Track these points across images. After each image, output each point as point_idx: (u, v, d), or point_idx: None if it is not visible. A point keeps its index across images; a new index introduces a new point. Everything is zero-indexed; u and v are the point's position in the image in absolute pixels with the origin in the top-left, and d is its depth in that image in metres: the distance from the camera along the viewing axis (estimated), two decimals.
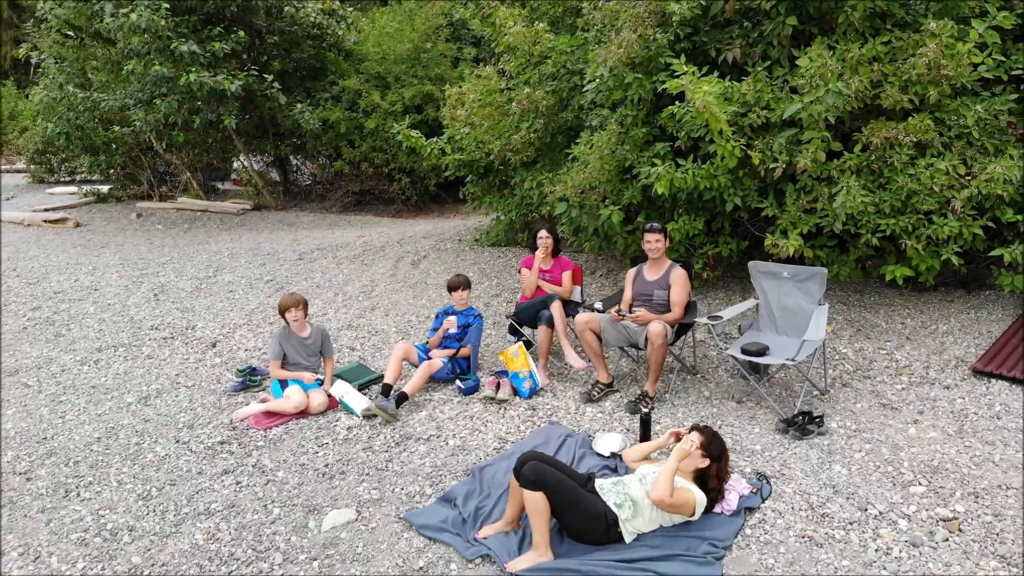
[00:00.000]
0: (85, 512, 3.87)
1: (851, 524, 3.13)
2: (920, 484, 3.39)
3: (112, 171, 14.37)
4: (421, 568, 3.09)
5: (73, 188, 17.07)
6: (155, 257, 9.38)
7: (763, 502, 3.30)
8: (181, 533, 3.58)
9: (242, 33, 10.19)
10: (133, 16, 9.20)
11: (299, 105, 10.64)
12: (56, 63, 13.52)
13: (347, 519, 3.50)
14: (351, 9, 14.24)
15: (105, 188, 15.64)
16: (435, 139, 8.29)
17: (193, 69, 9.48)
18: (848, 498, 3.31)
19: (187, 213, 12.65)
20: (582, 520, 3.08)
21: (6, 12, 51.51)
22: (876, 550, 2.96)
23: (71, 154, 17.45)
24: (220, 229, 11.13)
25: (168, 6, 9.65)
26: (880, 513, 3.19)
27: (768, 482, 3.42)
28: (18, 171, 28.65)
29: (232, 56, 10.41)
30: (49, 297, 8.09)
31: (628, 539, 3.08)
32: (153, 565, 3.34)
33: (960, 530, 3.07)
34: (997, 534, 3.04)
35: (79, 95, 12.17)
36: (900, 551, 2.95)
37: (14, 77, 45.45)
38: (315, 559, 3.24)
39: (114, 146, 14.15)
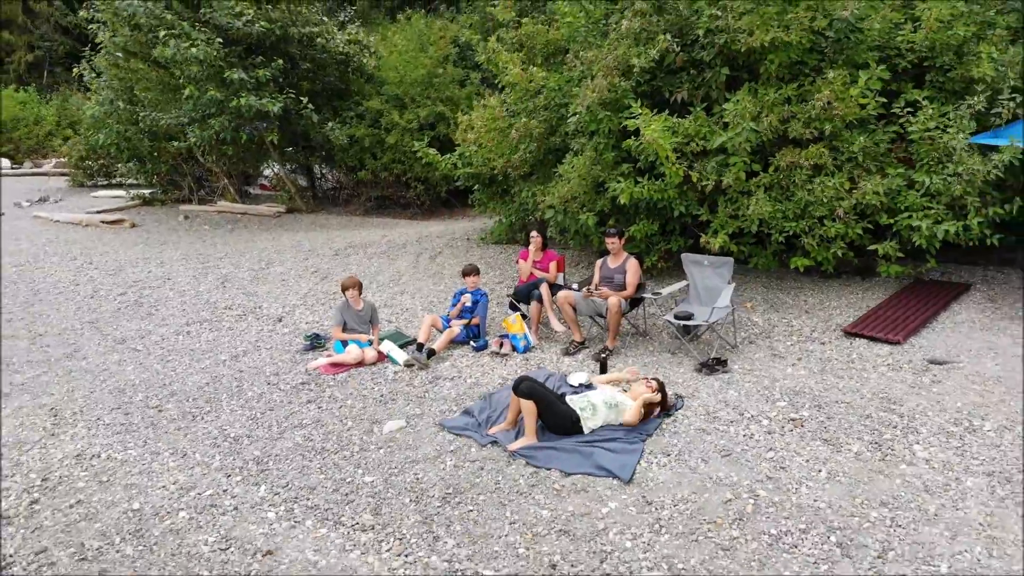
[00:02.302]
0: (211, 428, 5.45)
1: (731, 422, 4.71)
2: (783, 401, 4.98)
3: (156, 177, 15.94)
4: (452, 451, 4.68)
5: (115, 192, 18.62)
6: (212, 253, 10.97)
7: (677, 411, 4.88)
8: (285, 438, 5.17)
9: (281, 61, 11.76)
10: (194, 50, 10.78)
11: (330, 123, 12.22)
12: (105, 80, 15.06)
13: (400, 426, 5.09)
14: (372, 36, 15.86)
15: (147, 192, 17.20)
16: (449, 155, 9.86)
17: (243, 94, 11.06)
18: (733, 408, 4.89)
19: (228, 215, 14.24)
20: (556, 418, 4.67)
21: (20, 18, 52.98)
22: (743, 436, 4.54)
23: (114, 160, 19.05)
24: (260, 229, 12.73)
25: (221, 40, 11.24)
26: (752, 416, 4.77)
27: (682, 399, 5.00)
28: (46, 174, 30.31)
29: (270, 80, 11.94)
30: (130, 285, 9.67)
31: (586, 431, 4.67)
32: (269, 455, 4.93)
33: (801, 425, 4.65)
34: (826, 428, 4.62)
35: (138, 112, 13.78)
36: (759, 436, 4.53)
37: (35, 84, 46.96)
38: (380, 448, 4.83)
39: (156, 155, 15.73)
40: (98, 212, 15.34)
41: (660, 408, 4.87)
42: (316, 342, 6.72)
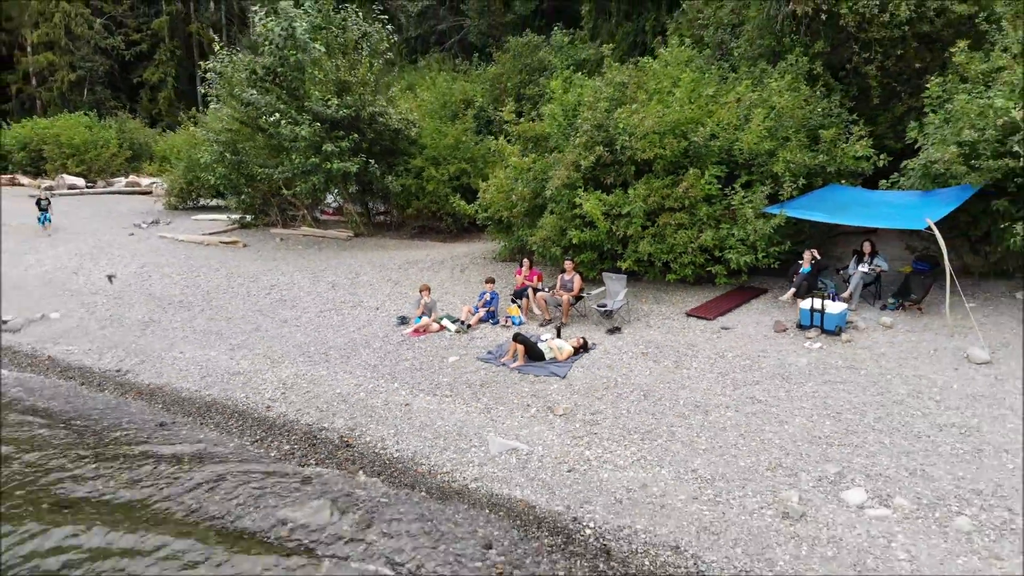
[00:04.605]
0: (359, 361, 10.38)
1: (615, 355, 9.62)
2: (642, 346, 9.88)
3: (253, 206, 20.82)
4: (484, 369, 9.61)
5: (212, 215, 23.46)
6: (315, 266, 15.88)
7: (591, 351, 9.82)
8: (399, 365, 10.08)
9: (356, 135, 16.68)
10: (302, 131, 15.73)
11: (388, 176, 17.13)
12: (213, 136, 19.92)
13: (456, 358, 10.02)
14: (402, 79, 20.79)
15: (236, 216, 22.04)
16: (473, 203, 14.73)
17: (334, 160, 16.02)
18: (617, 349, 9.81)
19: (311, 238, 19.14)
20: (534, 353, 9.59)
21: (63, 40, 57.59)
22: (618, 360, 9.45)
23: (207, 190, 24.04)
24: (339, 249, 17.64)
25: (318, 122, 16.20)
26: (625, 352, 9.67)
27: (595, 345, 9.92)
28: (118, 192, 35.07)
29: (349, 148, 16.81)
30: (271, 288, 14.57)
31: (547, 359, 9.60)
32: (394, 372, 9.85)
33: (645, 355, 9.56)
34: (656, 356, 9.51)
35: (244, 162, 18.77)
36: (625, 360, 9.44)
37: (90, 106, 51.50)
38: (448, 368, 9.74)
39: (249, 189, 20.62)
40: (212, 234, 20.25)
41: (583, 349, 9.80)
42: (403, 320, 11.65)
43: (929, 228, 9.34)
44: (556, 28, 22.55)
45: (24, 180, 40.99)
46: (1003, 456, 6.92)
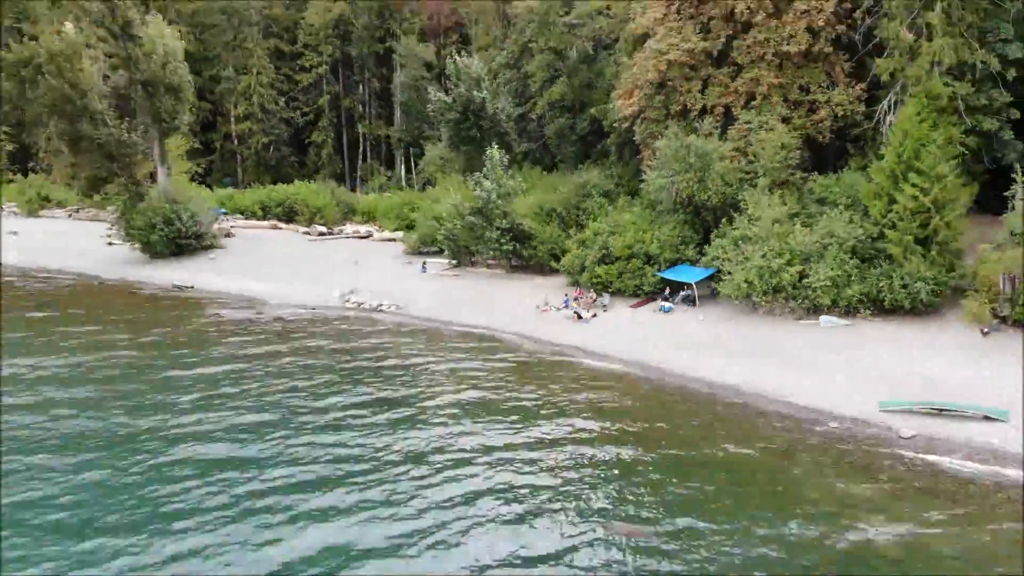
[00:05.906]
0: (528, 320, 34.35)
1: (604, 320, 33.04)
2: (612, 316, 33.25)
3: (459, 256, 45.03)
4: (568, 321, 33.40)
5: (435, 259, 47.89)
6: (496, 288, 39.57)
7: (596, 317, 33.40)
8: (537, 321, 33.97)
9: (511, 234, 40.63)
10: (493, 235, 39.88)
11: (523, 249, 41.08)
12: (440, 226, 44.41)
13: (558, 319, 33.92)
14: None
15: (449, 260, 46.42)
16: (559, 264, 38.27)
17: (505, 245, 40.12)
18: (606, 318, 33.20)
19: (488, 273, 43.20)
20: (580, 316, 33.28)
21: (259, 114, 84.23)
22: (606, 323, 32.94)
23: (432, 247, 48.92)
24: (502, 279, 41.32)
25: (498, 231, 40.28)
26: (606, 319, 33.14)
27: (596, 316, 33.45)
28: (340, 237, 60.26)
29: None
30: (491, 297, 38.51)
31: (582, 318, 33.26)
32: (536, 324, 33.81)
33: (614, 322, 32.98)
34: (617, 323, 32.91)
35: (465, 240, 43.36)
36: (606, 322, 32.91)
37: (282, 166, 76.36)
38: (554, 320, 33.57)
39: (455, 248, 44.95)
40: (446, 270, 44.78)
41: (594, 317, 33.38)
42: (538, 307, 35.45)
43: (690, 285, 32.45)
44: (596, 170, 45.66)
45: (282, 225, 66.73)
46: (659, 345, 30.02)
